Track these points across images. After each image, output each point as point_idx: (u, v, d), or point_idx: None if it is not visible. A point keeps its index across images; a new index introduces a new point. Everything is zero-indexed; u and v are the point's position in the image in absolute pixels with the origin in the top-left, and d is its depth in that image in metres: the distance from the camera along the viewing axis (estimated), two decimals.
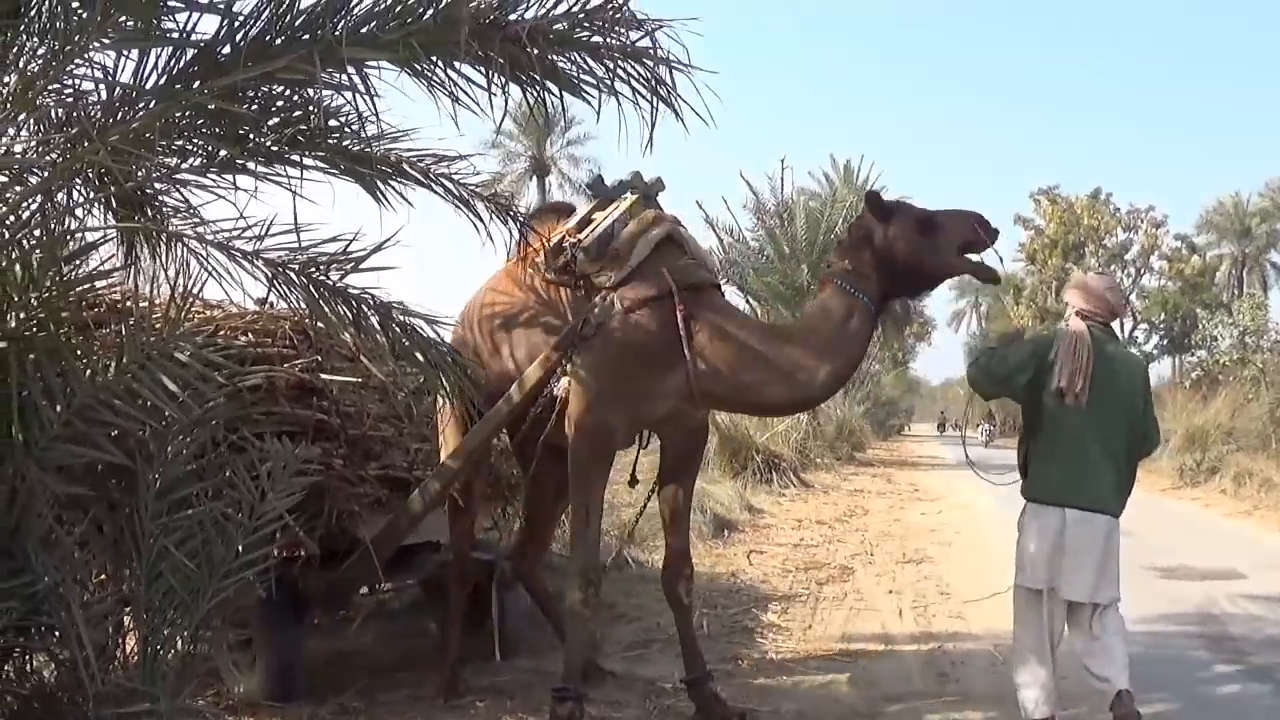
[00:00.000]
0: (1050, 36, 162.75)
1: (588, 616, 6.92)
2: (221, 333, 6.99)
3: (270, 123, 5.13)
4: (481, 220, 6.35)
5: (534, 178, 66.80)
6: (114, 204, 5.32)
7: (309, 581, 7.20)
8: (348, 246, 5.24)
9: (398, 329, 5.53)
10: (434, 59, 4.74)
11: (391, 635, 9.29)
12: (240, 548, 5.01)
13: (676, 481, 7.40)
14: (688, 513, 7.59)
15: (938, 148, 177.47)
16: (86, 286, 5.25)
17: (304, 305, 5.35)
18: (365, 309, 5.42)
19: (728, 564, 13.12)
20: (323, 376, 7.50)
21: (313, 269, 5.21)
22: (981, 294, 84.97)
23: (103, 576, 5.32)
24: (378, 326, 5.47)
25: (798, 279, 34.47)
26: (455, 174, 6.16)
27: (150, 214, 5.44)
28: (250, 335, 7.47)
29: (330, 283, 5.27)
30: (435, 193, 6.03)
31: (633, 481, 7.79)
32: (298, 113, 5.16)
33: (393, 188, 5.69)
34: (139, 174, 5.07)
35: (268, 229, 5.14)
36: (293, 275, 5.19)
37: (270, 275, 5.17)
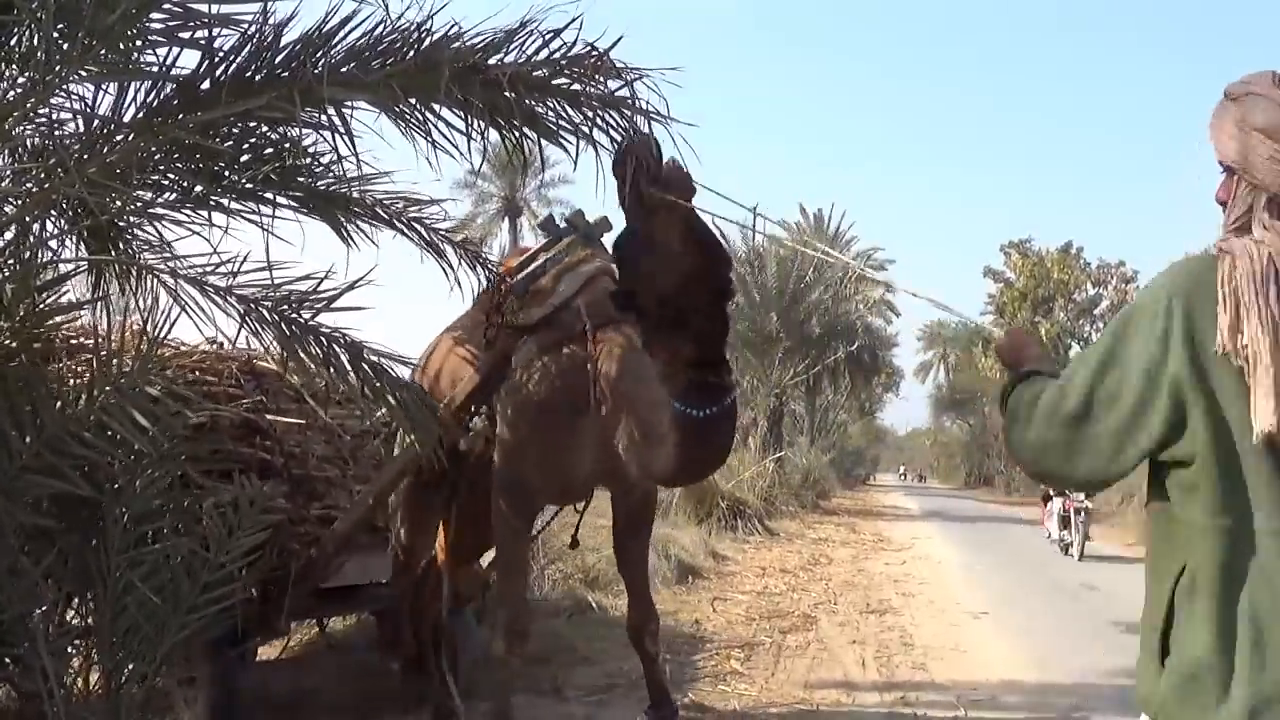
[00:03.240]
0: (1020, 90, 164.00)
1: (513, 668, 6.77)
2: (168, 370, 7.01)
3: (244, 159, 5.17)
4: (451, 266, 6.40)
5: (506, 219, 66.91)
6: (86, 236, 5.34)
7: (246, 614, 7.19)
8: (319, 285, 5.26)
9: (368, 368, 5.54)
10: (413, 101, 4.76)
11: (350, 672, 9.24)
12: (205, 583, 5.03)
13: (629, 539, 7.16)
14: (644, 568, 7.38)
15: (907, 198, 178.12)
16: (60, 318, 5.27)
17: (276, 343, 5.33)
18: (336, 348, 5.44)
19: (691, 611, 13.07)
20: (268, 417, 7.52)
21: (285, 307, 5.22)
22: (950, 345, 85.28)
23: (68, 609, 5.31)
24: (348, 366, 5.48)
25: (767, 326, 34.65)
26: (426, 218, 6.23)
27: (123, 247, 5.46)
28: (198, 373, 7.51)
29: (303, 321, 5.29)
30: (407, 237, 6.08)
31: (573, 544, 7.56)
32: (271, 150, 5.21)
33: (363, 230, 5.74)
34: (113, 207, 5.08)
35: (240, 266, 5.16)
36: (265, 313, 5.20)
37: (243, 312, 5.18)
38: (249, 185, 5.24)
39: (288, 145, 5.01)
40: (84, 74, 4.40)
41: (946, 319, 76.91)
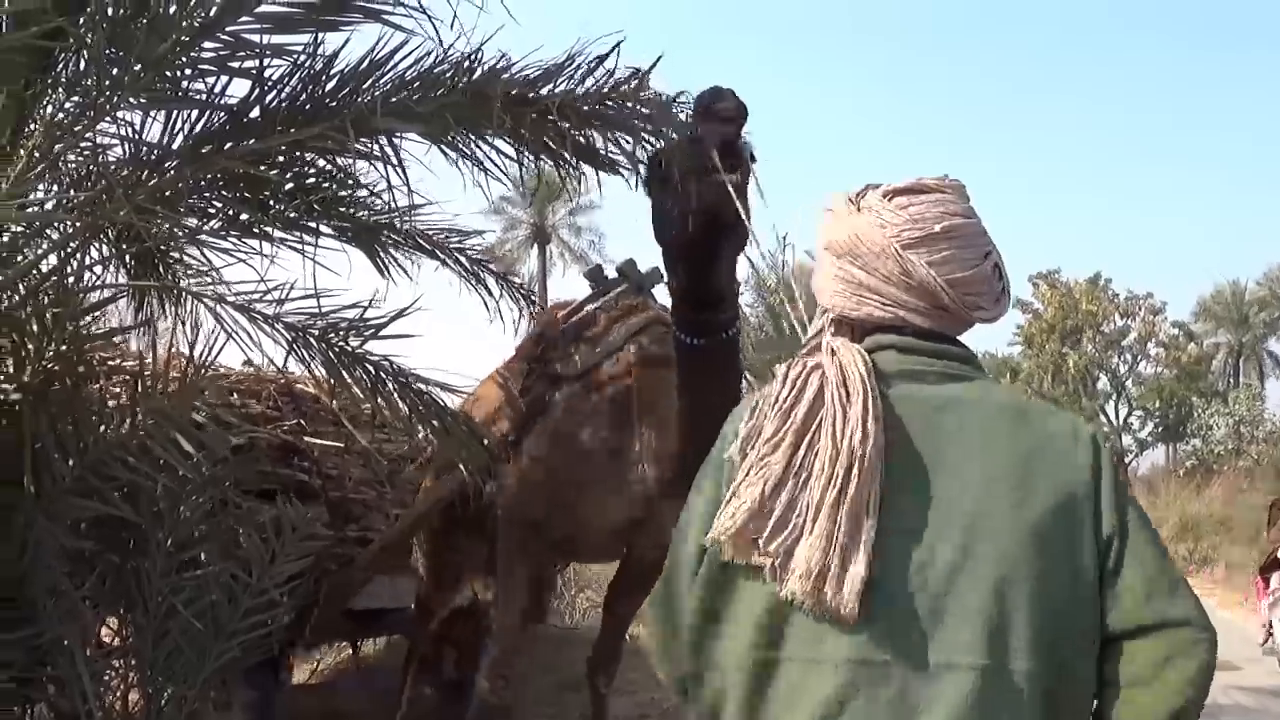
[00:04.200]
0: (1046, 120, 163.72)
1: (495, 706, 6.54)
2: (206, 391, 7.06)
3: (288, 188, 5.20)
4: (491, 294, 6.42)
5: (535, 245, 66.98)
6: (130, 261, 5.38)
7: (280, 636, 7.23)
8: (364, 313, 5.29)
9: (414, 396, 5.56)
10: (464, 130, 4.79)
11: (382, 696, 9.26)
12: (246, 608, 5.05)
13: (624, 597, 7.11)
14: (629, 621, 7.39)
15: None
16: (102, 342, 5.32)
17: (324, 371, 5.36)
18: (384, 375, 5.47)
19: None
20: (305, 439, 7.55)
21: (332, 334, 5.26)
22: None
23: (106, 630, 5.34)
24: (394, 392, 5.50)
25: None
26: (469, 249, 6.26)
27: (166, 273, 5.51)
28: (235, 395, 7.55)
29: (350, 349, 5.32)
30: (450, 268, 6.11)
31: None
32: (319, 179, 5.25)
33: (400, 260, 5.78)
34: (159, 233, 5.13)
35: (288, 293, 5.21)
36: (312, 340, 5.24)
37: (290, 339, 5.21)
38: (293, 214, 5.27)
39: (337, 174, 5.05)
40: (134, 101, 4.45)
41: (974, 348, 76.80)
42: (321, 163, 5.12)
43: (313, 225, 5.31)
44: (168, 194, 4.78)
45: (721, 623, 2.21)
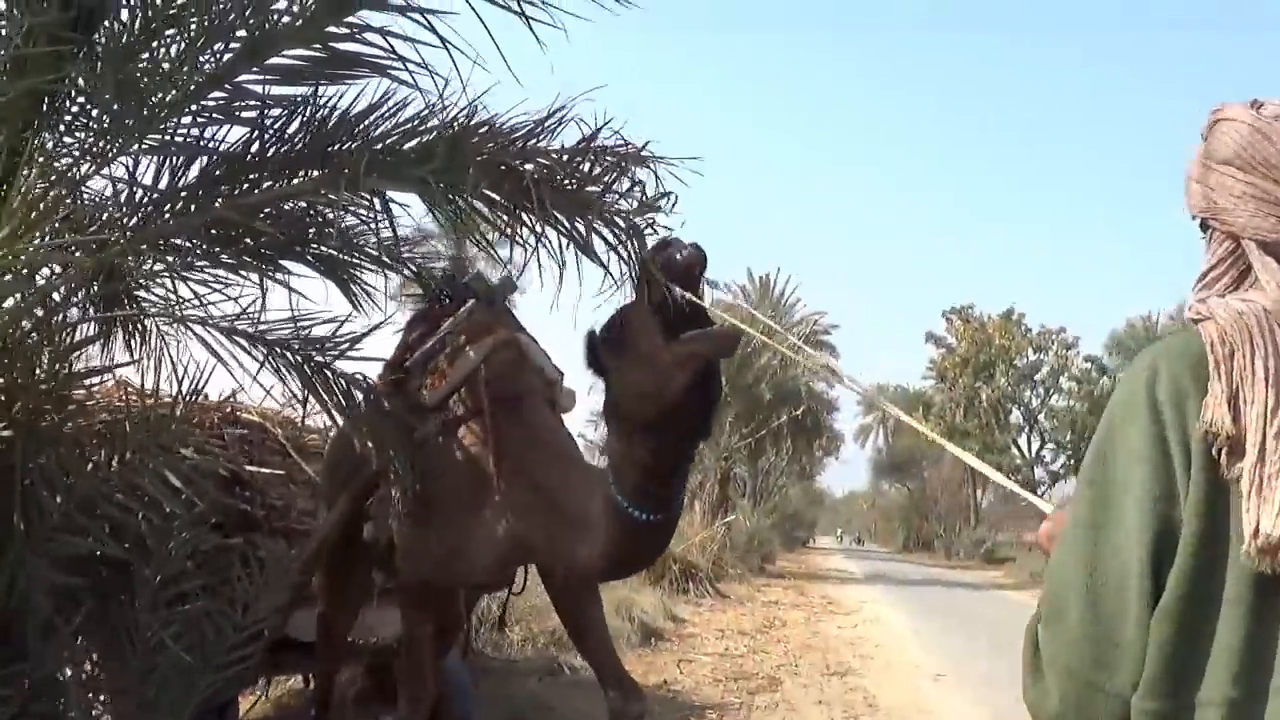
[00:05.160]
0: (958, 159, 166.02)
1: None
2: (122, 419, 7.07)
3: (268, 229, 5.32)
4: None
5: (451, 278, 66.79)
6: (113, 294, 5.45)
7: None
8: (337, 330, 5.42)
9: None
10: (446, 192, 4.88)
11: None
12: (232, 643, 5.13)
13: (570, 615, 6.45)
14: (605, 644, 6.41)
15: (847, 263, 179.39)
16: (92, 380, 5.39)
17: (299, 385, 5.44)
18: (354, 389, 5.57)
19: (659, 672, 13.20)
20: (249, 469, 7.55)
21: (311, 351, 5.37)
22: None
23: (95, 667, 5.38)
24: (361, 407, 5.61)
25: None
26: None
27: (132, 305, 5.58)
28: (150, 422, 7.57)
29: (326, 364, 5.43)
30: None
31: (501, 624, 7.34)
32: (298, 222, 5.38)
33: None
34: (142, 269, 5.20)
35: (261, 312, 5.27)
36: (289, 357, 5.33)
37: (264, 356, 5.27)
38: (269, 252, 5.38)
39: (322, 219, 5.18)
40: (138, 148, 4.55)
41: (886, 383, 77.64)
42: (315, 208, 5.23)
43: (288, 265, 5.44)
44: (163, 242, 4.89)
45: (1195, 648, 1.82)
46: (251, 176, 4.82)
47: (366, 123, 4.81)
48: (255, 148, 4.76)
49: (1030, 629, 2.10)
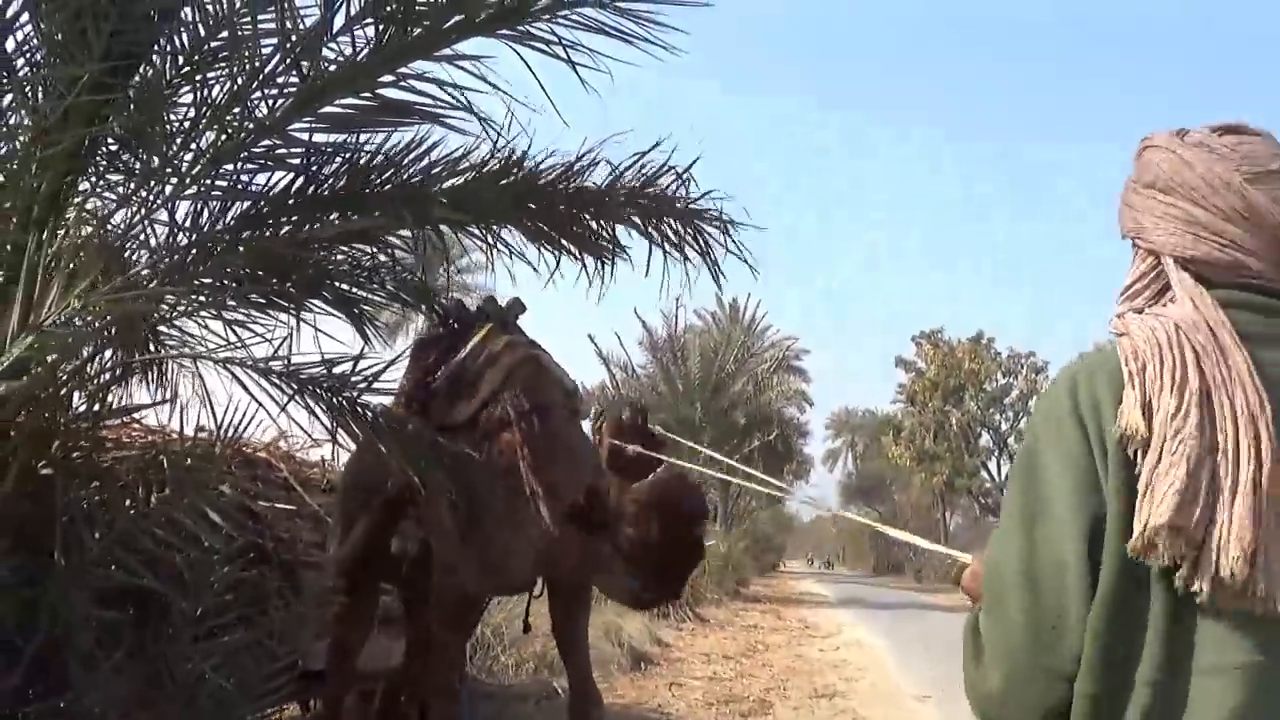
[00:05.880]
0: (929, 183, 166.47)
1: None
2: (162, 456, 7.16)
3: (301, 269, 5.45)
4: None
5: (419, 306, 66.44)
6: (154, 335, 5.56)
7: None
8: (355, 365, 5.51)
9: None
10: (492, 224, 5.05)
11: None
12: (268, 672, 5.23)
13: (565, 622, 6.98)
14: (584, 652, 7.08)
15: (816, 289, 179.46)
16: (128, 418, 5.50)
17: (328, 421, 5.56)
18: (380, 420, 5.70)
19: (650, 696, 13.31)
20: (260, 502, 7.65)
21: (339, 385, 5.47)
22: (858, 433, 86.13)
23: (135, 699, 5.46)
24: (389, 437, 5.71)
25: (691, 416, 34.94)
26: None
27: (157, 345, 5.68)
28: (174, 459, 7.67)
29: (355, 399, 5.55)
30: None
31: (526, 628, 7.53)
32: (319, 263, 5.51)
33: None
34: (179, 308, 5.31)
35: (290, 350, 5.39)
36: (320, 394, 5.44)
37: (294, 393, 5.37)
38: (295, 291, 5.50)
39: (353, 261, 5.31)
40: (188, 193, 4.67)
41: (854, 406, 78.03)
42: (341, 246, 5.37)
43: (314, 300, 5.58)
44: (199, 283, 5.00)
45: (1122, 632, 1.92)
46: (292, 218, 4.93)
47: (405, 162, 4.94)
48: (296, 190, 4.86)
49: (969, 622, 2.22)
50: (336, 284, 5.76)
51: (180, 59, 4.82)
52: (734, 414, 40.53)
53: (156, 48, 4.82)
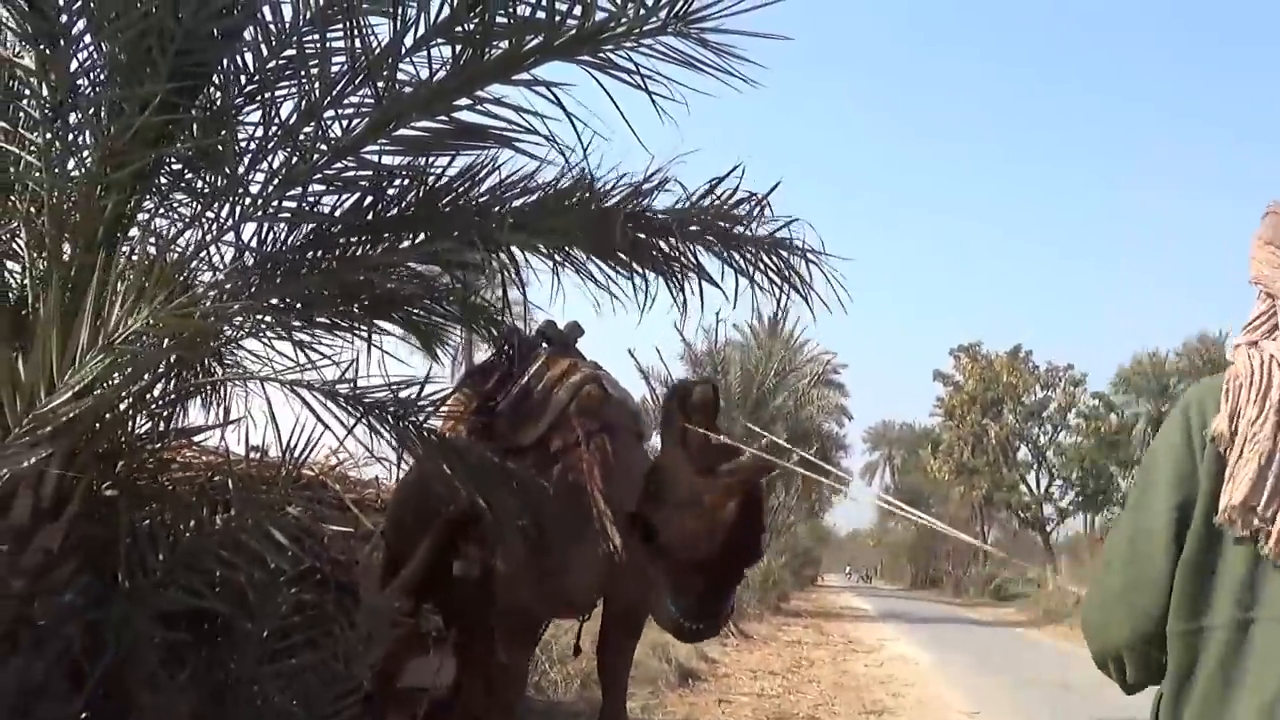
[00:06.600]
0: (970, 195, 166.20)
1: None
2: (212, 477, 7.16)
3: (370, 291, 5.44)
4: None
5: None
6: (217, 358, 5.56)
7: None
8: (421, 390, 5.56)
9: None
10: (578, 251, 5.04)
11: None
12: (337, 693, 5.21)
13: (612, 648, 6.80)
14: (625, 675, 7.01)
15: (857, 302, 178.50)
16: (193, 439, 5.49)
17: (395, 444, 5.57)
18: (446, 446, 5.71)
19: (701, 712, 13.29)
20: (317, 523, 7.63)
21: (404, 410, 5.48)
22: (895, 446, 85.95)
23: None
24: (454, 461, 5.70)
25: (732, 430, 34.82)
26: None
27: (220, 366, 5.68)
28: (239, 480, 7.67)
29: (420, 423, 5.57)
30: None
31: (576, 651, 7.49)
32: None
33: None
34: (244, 329, 5.30)
35: (355, 374, 5.38)
36: (386, 416, 5.44)
37: (360, 415, 5.37)
38: (361, 313, 5.51)
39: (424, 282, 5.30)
40: (260, 215, 4.66)
41: (892, 419, 77.81)
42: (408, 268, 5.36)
43: (381, 321, 5.58)
44: (267, 303, 5.00)
45: (1204, 585, 2.42)
46: (359, 238, 4.92)
47: (474, 183, 4.92)
48: (364, 210, 4.85)
49: (1091, 582, 2.82)
50: (404, 306, 5.76)
51: (243, 79, 4.80)
52: (775, 429, 40.35)
53: (220, 68, 4.81)
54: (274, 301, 5.15)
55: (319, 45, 4.59)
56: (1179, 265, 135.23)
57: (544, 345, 6.67)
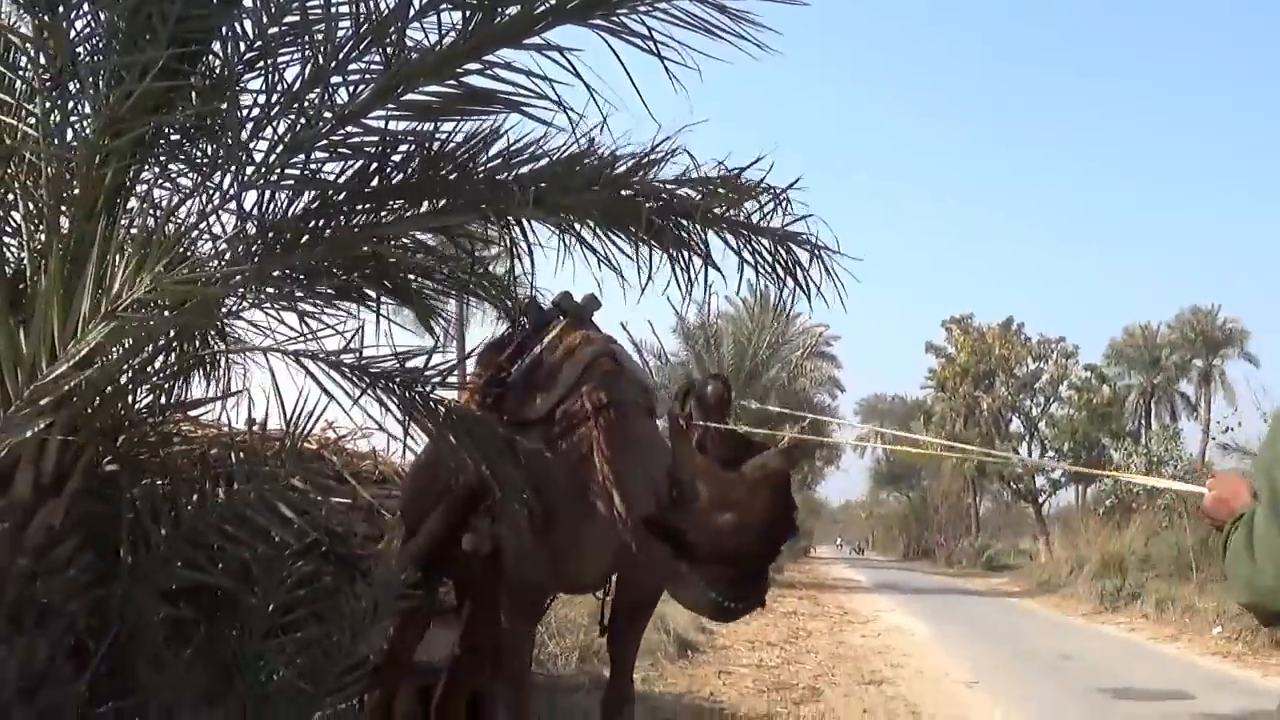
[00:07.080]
0: (968, 165, 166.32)
1: None
2: (213, 451, 7.10)
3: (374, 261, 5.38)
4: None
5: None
6: (219, 329, 5.49)
7: None
8: (429, 358, 5.48)
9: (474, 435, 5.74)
10: (592, 225, 4.98)
11: None
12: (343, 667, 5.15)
13: (624, 622, 6.67)
14: (634, 648, 6.90)
15: (847, 275, 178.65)
16: (194, 412, 5.43)
17: (399, 415, 5.50)
18: (453, 414, 5.66)
19: (701, 684, 13.31)
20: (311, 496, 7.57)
21: (411, 380, 5.42)
22: (887, 419, 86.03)
23: (206, 697, 5.39)
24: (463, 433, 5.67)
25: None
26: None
27: (222, 339, 5.61)
28: (241, 454, 7.61)
29: (427, 394, 5.51)
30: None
31: (603, 631, 7.48)
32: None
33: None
34: (246, 300, 5.22)
35: (358, 343, 5.30)
36: (393, 387, 5.38)
37: (366, 385, 5.30)
38: (361, 283, 5.44)
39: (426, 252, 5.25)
40: (260, 181, 4.58)
41: (884, 391, 77.85)
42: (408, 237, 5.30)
43: (379, 293, 5.51)
44: (270, 274, 4.92)
45: None
46: (363, 206, 4.84)
47: (480, 150, 4.86)
48: (368, 178, 4.78)
49: (1236, 532, 2.79)
50: (409, 276, 5.69)
51: (244, 45, 4.71)
52: (768, 401, 40.28)
53: (221, 34, 4.72)
54: (276, 272, 5.07)
55: (324, 9, 4.50)
56: (1169, 239, 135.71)
57: (560, 318, 6.58)
